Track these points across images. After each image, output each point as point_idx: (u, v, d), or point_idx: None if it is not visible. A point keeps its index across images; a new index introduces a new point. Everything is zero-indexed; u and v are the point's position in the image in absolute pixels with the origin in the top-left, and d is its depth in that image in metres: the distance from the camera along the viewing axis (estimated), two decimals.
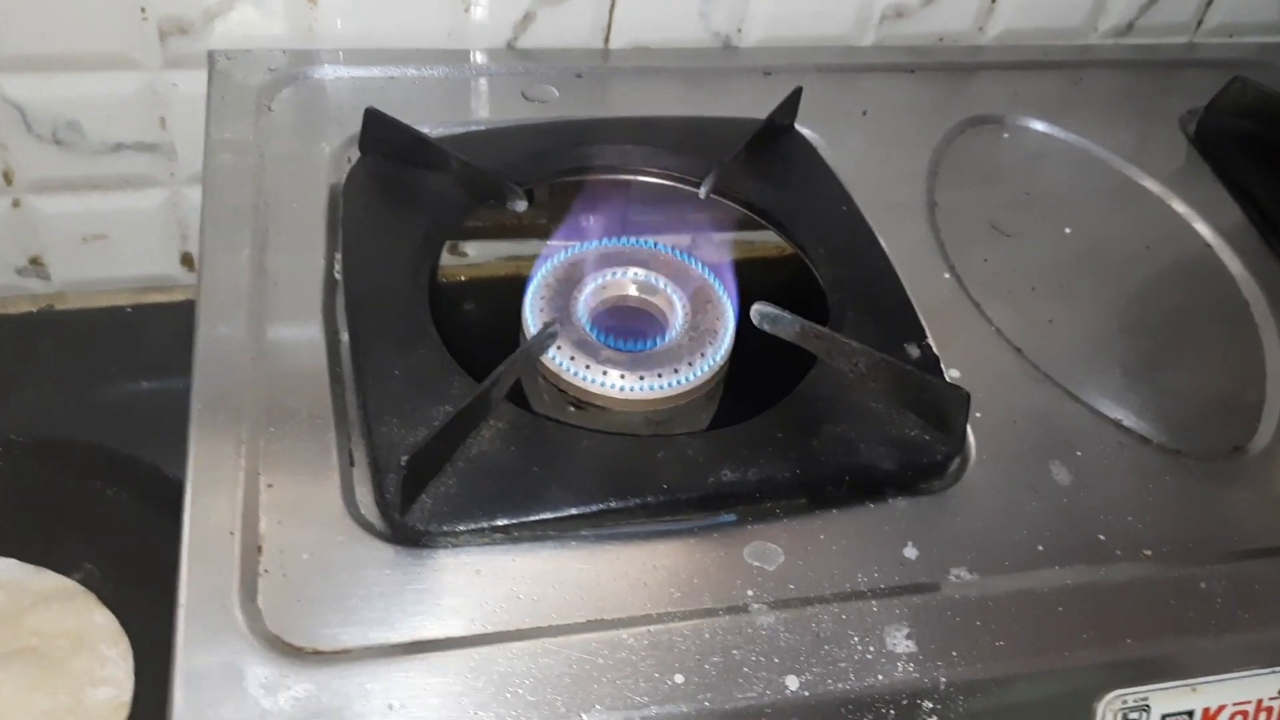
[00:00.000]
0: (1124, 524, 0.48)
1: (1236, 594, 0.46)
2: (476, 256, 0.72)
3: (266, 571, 0.42)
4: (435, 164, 0.58)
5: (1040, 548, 0.47)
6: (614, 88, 0.69)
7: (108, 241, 0.74)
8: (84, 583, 0.64)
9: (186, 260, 0.76)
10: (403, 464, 0.42)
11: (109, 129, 0.68)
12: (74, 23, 0.63)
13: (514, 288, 0.56)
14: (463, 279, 0.71)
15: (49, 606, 0.62)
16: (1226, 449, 0.53)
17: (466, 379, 0.48)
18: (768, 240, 0.61)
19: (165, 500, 0.54)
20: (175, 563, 0.42)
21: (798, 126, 0.66)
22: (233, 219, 0.55)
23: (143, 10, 0.63)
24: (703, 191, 0.59)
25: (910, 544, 0.46)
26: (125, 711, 0.59)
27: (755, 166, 0.61)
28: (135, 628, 0.62)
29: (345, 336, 0.51)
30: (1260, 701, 0.46)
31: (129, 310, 0.76)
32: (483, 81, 0.68)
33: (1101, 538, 0.47)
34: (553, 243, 0.58)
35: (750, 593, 0.44)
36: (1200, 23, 0.83)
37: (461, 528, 0.44)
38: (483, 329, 0.65)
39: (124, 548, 0.65)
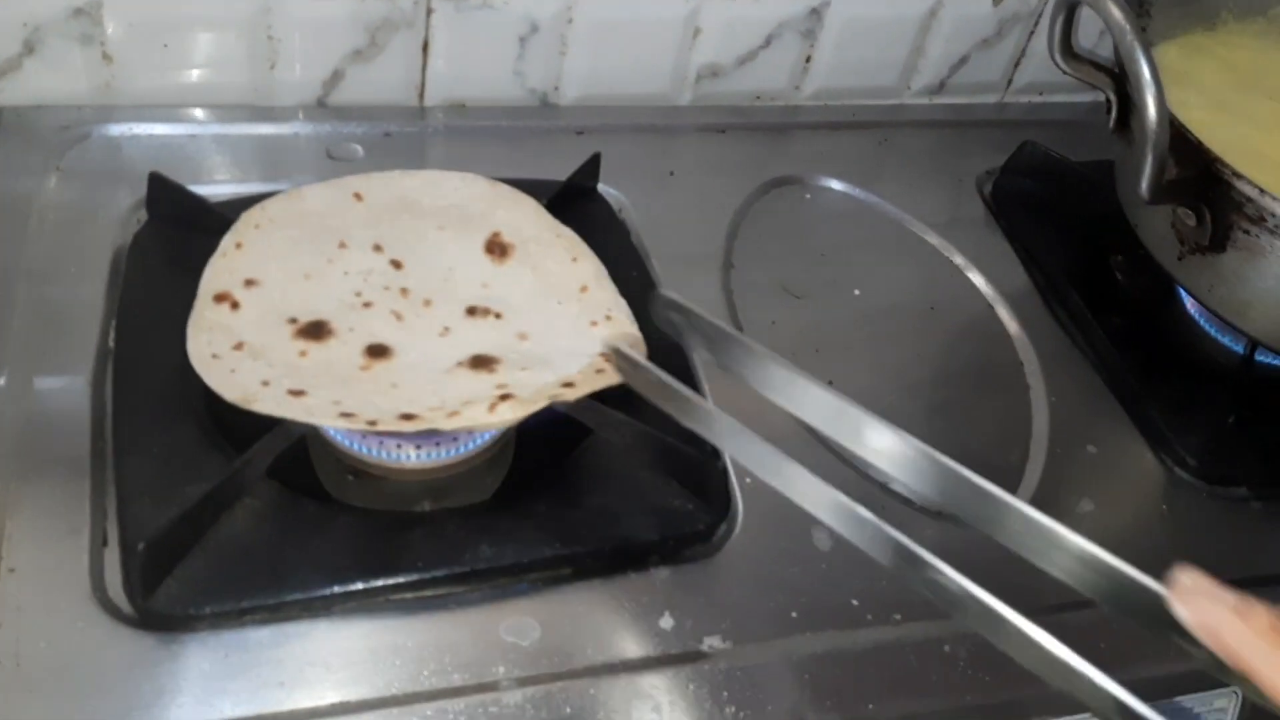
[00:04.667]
0: (878, 589, 0.50)
1: (978, 656, 0.48)
2: None
3: None
4: (221, 230, 0.57)
5: (794, 614, 0.48)
6: (424, 147, 0.70)
7: None
8: None
9: None
10: (140, 548, 0.42)
11: None
12: None
13: None
14: None
15: None
16: None
17: (227, 455, 0.48)
18: None
19: None
20: None
21: (605, 187, 0.67)
22: (2, 289, 0.54)
23: None
24: None
25: (667, 613, 0.47)
26: None
27: None
28: None
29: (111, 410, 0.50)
30: None
31: None
32: (289, 139, 0.68)
33: (855, 603, 0.49)
34: None
35: (501, 670, 0.44)
36: (1010, 82, 0.86)
37: (208, 610, 0.43)
38: None
39: None
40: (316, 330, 0.51)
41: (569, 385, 0.48)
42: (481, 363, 0.51)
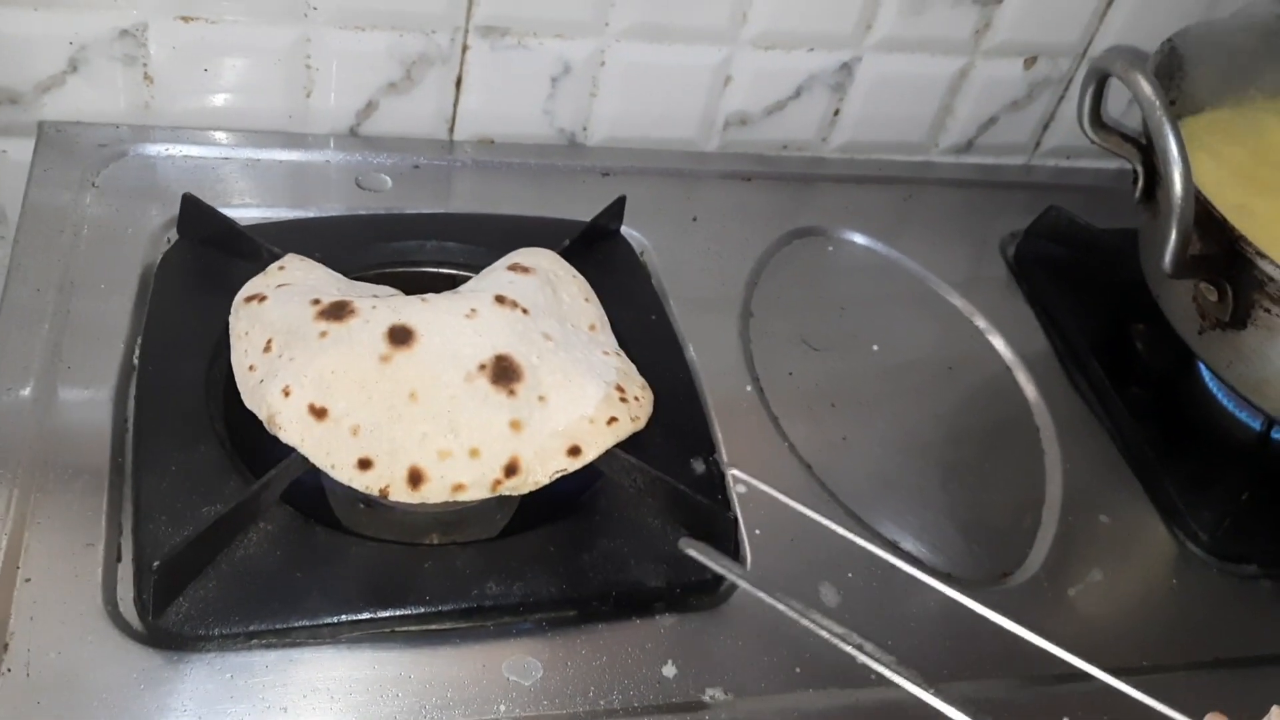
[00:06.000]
0: (883, 647, 0.49)
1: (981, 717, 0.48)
2: None
3: (9, 671, 0.42)
4: (249, 254, 0.58)
5: (798, 669, 0.48)
6: (451, 180, 0.70)
7: None
8: None
9: None
10: (154, 568, 0.42)
11: None
12: None
13: None
14: None
15: None
16: (996, 574, 0.55)
17: (244, 478, 0.48)
18: None
19: None
20: None
21: (628, 229, 0.68)
22: (33, 299, 0.55)
23: None
24: None
25: (670, 662, 0.47)
26: None
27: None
28: None
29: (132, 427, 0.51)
30: None
31: None
32: (320, 167, 0.68)
33: (860, 660, 0.49)
34: None
35: (502, 708, 0.44)
36: (1038, 144, 0.87)
37: (216, 632, 0.44)
38: None
39: None
40: (339, 310, 0.52)
41: (575, 452, 0.49)
42: (503, 376, 0.51)
